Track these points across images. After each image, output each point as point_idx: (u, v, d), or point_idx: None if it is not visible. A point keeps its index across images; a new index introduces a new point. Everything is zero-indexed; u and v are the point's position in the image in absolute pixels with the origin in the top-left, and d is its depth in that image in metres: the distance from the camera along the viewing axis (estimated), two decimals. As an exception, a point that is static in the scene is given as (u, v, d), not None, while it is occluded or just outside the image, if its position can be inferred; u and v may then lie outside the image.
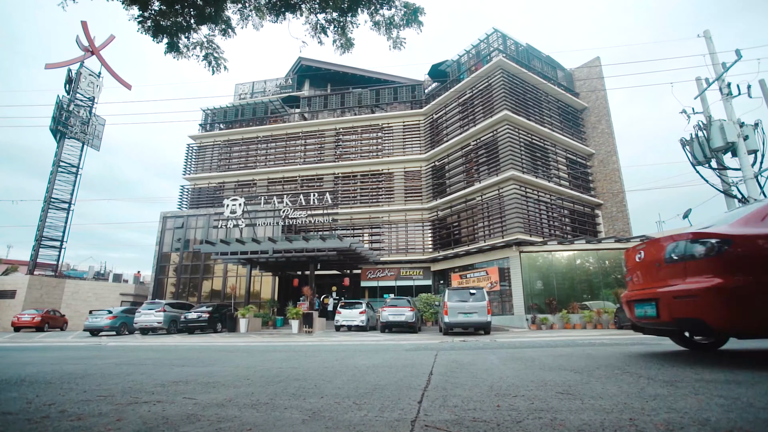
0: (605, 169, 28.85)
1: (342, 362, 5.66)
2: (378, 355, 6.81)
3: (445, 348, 8.39)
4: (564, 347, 7.42)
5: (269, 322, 23.71)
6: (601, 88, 30.14)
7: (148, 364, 5.81)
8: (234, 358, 6.83)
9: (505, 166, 23.94)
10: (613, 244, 22.21)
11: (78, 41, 33.04)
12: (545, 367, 4.24)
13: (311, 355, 7.05)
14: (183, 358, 6.97)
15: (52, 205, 30.62)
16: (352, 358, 6.20)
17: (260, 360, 6.36)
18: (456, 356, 6.23)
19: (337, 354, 7.25)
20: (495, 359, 5.48)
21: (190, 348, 10.21)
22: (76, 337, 18.52)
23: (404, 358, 6.07)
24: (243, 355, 7.44)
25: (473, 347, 8.38)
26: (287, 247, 20.18)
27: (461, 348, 8.24)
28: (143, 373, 4.66)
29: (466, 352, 7.15)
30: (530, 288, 22.01)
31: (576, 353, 5.81)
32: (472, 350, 7.52)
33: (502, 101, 24.85)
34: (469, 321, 15.82)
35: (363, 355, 6.74)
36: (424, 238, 29.12)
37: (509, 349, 7.58)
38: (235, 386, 3.61)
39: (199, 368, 5.17)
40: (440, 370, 4.31)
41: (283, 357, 6.87)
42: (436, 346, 9.03)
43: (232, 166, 33.56)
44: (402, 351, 7.86)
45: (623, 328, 18.09)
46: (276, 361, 6.17)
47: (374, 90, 33.68)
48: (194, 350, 9.37)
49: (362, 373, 4.29)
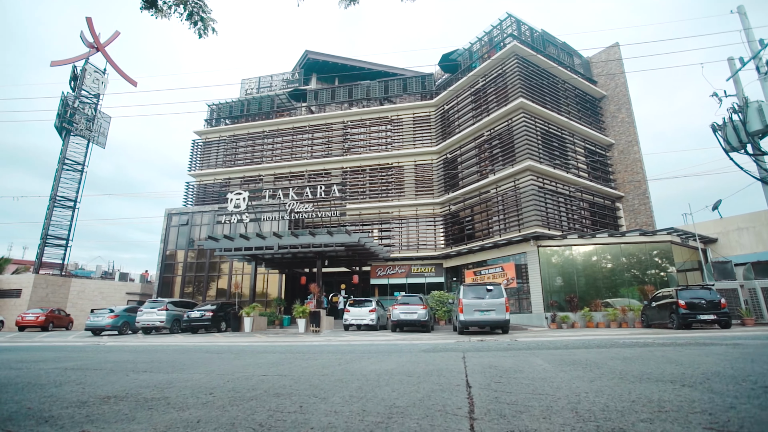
0: (626, 160, 27.48)
1: (346, 367, 4.65)
2: (391, 357, 5.79)
3: (469, 349, 7.33)
4: (617, 348, 6.32)
5: (276, 321, 22.90)
6: (620, 74, 28.74)
7: (104, 369, 4.89)
8: (215, 362, 5.88)
9: (521, 156, 22.77)
10: (637, 237, 20.93)
11: (82, 37, 32.59)
12: (624, 376, 3.17)
13: (310, 358, 6.06)
14: (153, 362, 6.04)
15: (57, 203, 30.19)
16: (359, 362, 5.18)
17: (244, 365, 5.38)
18: (491, 360, 5.15)
19: (341, 356, 6.24)
20: (545, 364, 4.41)
21: (176, 349, 9.30)
22: (78, 337, 17.85)
23: (425, 362, 5.02)
24: (228, 359, 6.46)
25: (502, 348, 7.31)
26: (293, 242, 19.29)
27: (489, 349, 7.16)
28: (81, 383, 3.74)
29: (500, 354, 6.04)
30: (549, 285, 20.85)
31: (645, 355, 4.73)
32: (504, 351, 6.44)
33: (517, 89, 23.66)
34: (486, 319, 14.84)
35: (373, 358, 5.71)
36: (435, 234, 28.04)
37: (551, 350, 6.47)
38: (181, 407, 2.63)
39: (160, 375, 4.23)
40: (479, 381, 3.27)
41: (275, 360, 5.89)
42: (456, 347, 8.00)
43: (237, 162, 32.81)
44: (418, 352, 6.83)
45: (652, 327, 16.89)
46: (263, 366, 5.18)
47: (383, 82, 32.65)
48: (177, 352, 8.43)
49: (372, 384, 3.27)
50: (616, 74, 28.98)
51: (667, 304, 15.70)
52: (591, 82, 28.99)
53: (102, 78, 34.05)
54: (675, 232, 20.70)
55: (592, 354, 5.31)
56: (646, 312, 17.55)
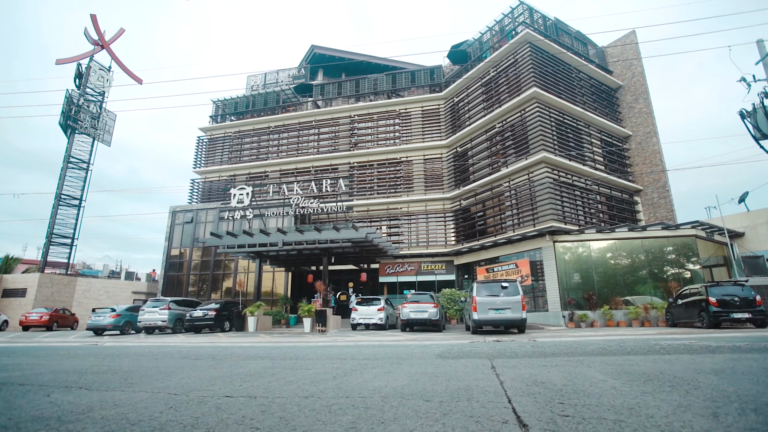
0: (644, 152, 26.33)
1: (342, 383, 3.79)
2: (401, 367, 4.92)
3: (492, 353, 6.44)
4: (675, 353, 5.40)
5: (282, 321, 22.26)
6: (637, 63, 27.57)
7: (32, 384, 4.06)
8: (182, 373, 5.08)
9: (535, 148, 21.81)
10: (659, 231, 19.87)
11: (87, 34, 32.26)
12: (745, 402, 2.26)
13: (301, 367, 5.21)
14: (105, 372, 5.25)
15: (62, 201, 29.86)
16: (360, 374, 4.33)
17: (215, 377, 4.52)
18: (530, 371, 4.18)
19: (340, 364, 5.39)
20: (609, 379, 3.45)
21: (154, 354, 8.46)
22: (79, 337, 17.34)
23: (444, 375, 4.13)
24: (203, 367, 5.65)
25: (532, 353, 6.39)
26: (298, 238, 18.57)
27: (516, 354, 6.24)
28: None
29: (536, 362, 5.12)
30: (566, 282, 19.90)
31: (737, 366, 3.82)
32: (540, 359, 5.44)
33: (530, 78, 22.69)
34: (501, 318, 14.03)
35: (378, 368, 4.84)
36: (446, 230, 27.17)
37: (596, 356, 5.46)
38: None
39: (92, 395, 3.44)
40: (534, 411, 2.33)
41: (257, 370, 5.06)
42: (475, 350, 7.16)
43: (243, 158, 32.24)
44: (433, 358, 5.97)
45: (677, 326, 15.89)
46: (237, 378, 4.35)
47: (390, 75, 31.83)
48: (151, 357, 7.52)
49: (373, 419, 2.40)
50: (633, 63, 27.83)
51: (695, 301, 14.72)
52: (606, 72, 27.87)
53: (107, 75, 33.70)
54: (700, 225, 19.58)
55: (660, 363, 4.34)
56: (671, 310, 16.53)
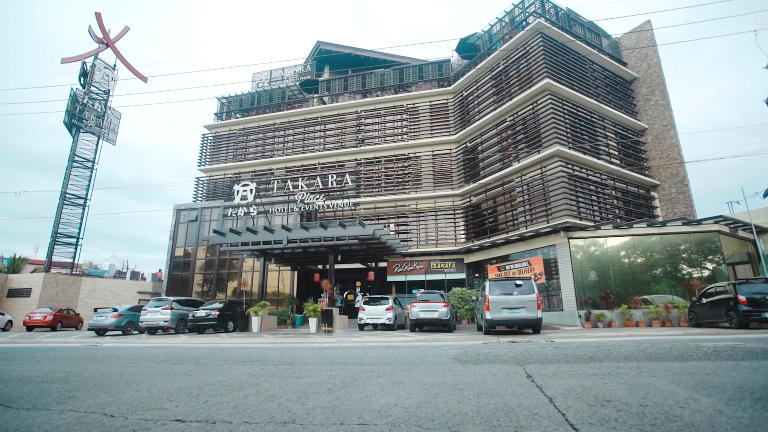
0: (661, 146, 25.37)
1: (337, 400, 3.09)
2: (414, 375, 4.20)
3: (519, 357, 5.68)
4: (739, 359, 4.68)
5: (288, 321, 21.69)
6: (652, 54, 26.61)
7: None
8: (149, 381, 4.40)
9: (548, 141, 21.02)
10: (680, 227, 18.99)
11: (91, 32, 32.03)
12: None
13: (293, 375, 4.50)
14: (51, 381, 4.59)
15: (67, 200, 29.65)
16: (362, 385, 3.62)
17: (179, 389, 3.82)
18: (581, 382, 3.44)
19: (341, 371, 4.68)
20: (702, 397, 2.76)
21: (140, 354, 7.83)
22: (81, 338, 16.91)
23: (471, 387, 3.34)
24: (179, 374, 4.94)
25: (565, 357, 5.65)
26: (304, 236, 18.00)
27: (548, 359, 5.46)
28: None
29: (582, 370, 4.36)
30: (582, 280, 19.09)
31: None
32: (582, 365, 4.60)
33: (542, 69, 21.90)
34: (515, 318, 13.34)
35: (385, 376, 4.13)
36: (456, 227, 26.43)
37: (643, 362, 4.66)
38: None
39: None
40: None
41: (238, 379, 4.33)
42: (494, 352, 6.47)
43: (248, 156, 31.75)
44: (451, 362, 5.26)
45: (701, 326, 15.04)
46: (206, 391, 3.64)
47: (398, 70, 31.16)
48: (125, 360, 6.78)
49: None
50: (648, 54, 26.87)
51: (722, 300, 13.86)
52: (621, 63, 26.96)
53: (112, 74, 33.48)
54: (724, 220, 18.65)
55: (742, 373, 3.58)
56: (694, 309, 15.67)
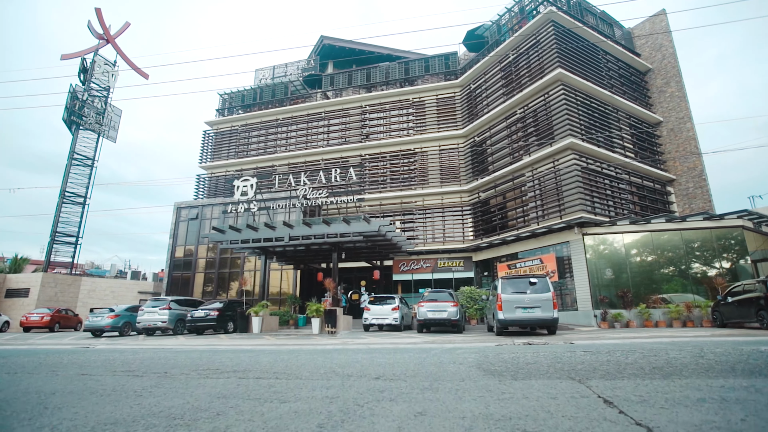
0: (677, 139, 24.38)
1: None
2: (440, 398, 3.25)
3: (562, 366, 4.83)
4: None
5: (290, 321, 21.00)
6: (668, 45, 25.62)
7: None
8: (73, 405, 3.38)
9: (561, 133, 20.14)
10: (701, 222, 18.04)
11: (90, 27, 31.50)
12: None
13: (275, 395, 3.64)
14: None
15: (67, 199, 29.12)
16: (370, 423, 2.46)
17: (97, 424, 2.71)
18: (698, 414, 2.51)
19: (340, 390, 3.67)
20: None
21: (111, 360, 6.99)
22: (76, 339, 16.25)
23: (543, 428, 2.46)
24: (129, 390, 4.00)
25: (625, 367, 4.81)
26: (306, 232, 17.25)
27: (608, 372, 4.54)
28: None
29: (661, 386, 3.42)
30: (597, 278, 18.21)
31: None
32: (662, 380, 3.71)
33: (554, 59, 21.02)
34: (530, 318, 12.56)
35: (401, 399, 3.24)
36: (464, 224, 25.58)
37: (742, 378, 3.68)
38: None
39: None
40: None
41: (199, 403, 3.35)
42: (521, 358, 5.62)
43: (250, 152, 31.07)
44: (478, 374, 4.36)
45: (727, 326, 14.13)
46: (134, 428, 2.65)
47: (403, 64, 30.35)
48: (77, 369, 5.72)
49: None
50: (663, 45, 25.88)
51: (751, 299, 12.95)
52: (635, 54, 25.99)
53: (112, 70, 32.94)
54: (748, 215, 17.67)
55: None
56: (719, 309, 14.74)
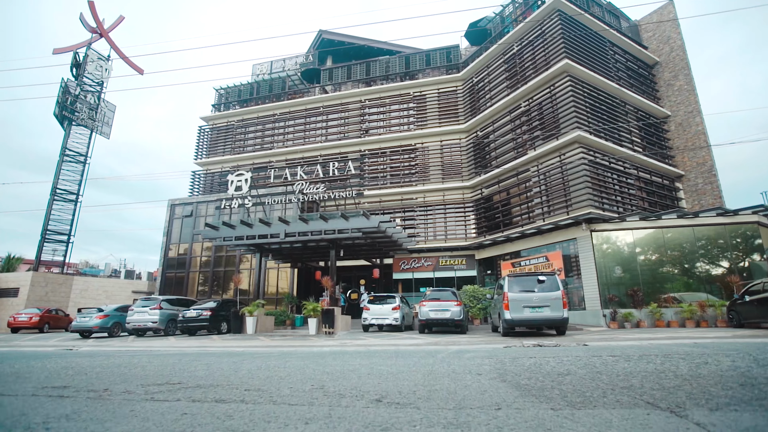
0: (686, 134, 23.65)
1: None
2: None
3: (621, 384, 3.95)
4: None
5: (287, 321, 20.22)
6: (676, 37, 24.90)
7: None
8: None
9: (568, 127, 19.41)
10: (715, 218, 17.34)
11: (83, 20, 30.70)
12: None
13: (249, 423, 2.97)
14: None
15: (58, 196, 28.33)
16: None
17: None
18: None
19: (325, 424, 2.87)
20: None
21: (59, 368, 6.26)
22: (63, 340, 15.49)
23: None
24: (38, 416, 3.02)
25: (712, 388, 4.00)
26: (303, 228, 16.51)
27: (706, 392, 3.53)
28: None
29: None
30: (606, 276, 17.51)
31: None
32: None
33: (560, 50, 20.29)
34: (539, 317, 11.90)
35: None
36: (466, 221, 24.85)
37: None
38: None
39: None
40: None
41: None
42: (548, 364, 4.81)
43: (247, 148, 30.32)
44: (515, 396, 3.42)
45: (743, 327, 13.42)
46: None
47: (403, 57, 29.61)
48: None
49: None
50: (671, 37, 25.17)
51: (772, 297, 12.24)
52: (642, 47, 25.27)
53: (106, 65, 32.14)
54: (764, 210, 16.94)
55: None
56: (735, 308, 14.03)
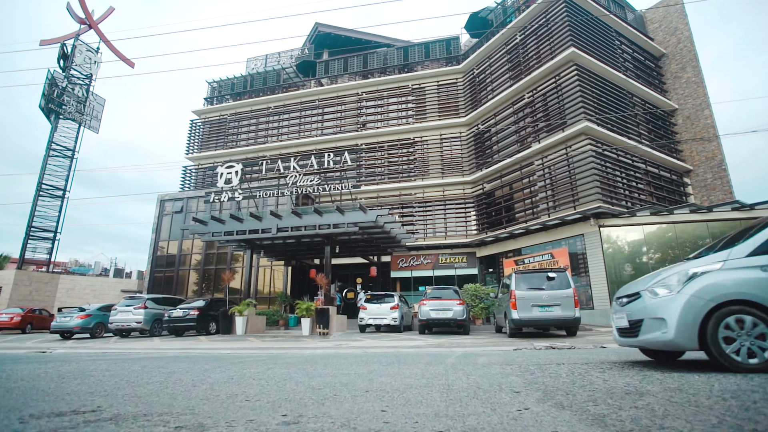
0: (694, 127, 22.84)
1: None
2: None
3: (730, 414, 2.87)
4: None
5: (280, 321, 19.32)
6: (683, 28, 24.10)
7: None
8: None
9: (575, 118, 18.57)
10: (729, 213, 16.53)
11: (70, 10, 29.70)
12: None
13: None
14: None
15: (44, 192, 27.34)
16: None
17: None
18: None
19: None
20: None
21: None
22: (41, 342, 14.52)
23: None
24: None
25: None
26: (296, 223, 15.59)
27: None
28: None
29: None
30: (615, 274, 16.67)
31: None
32: None
33: (566, 39, 19.45)
34: (548, 317, 11.06)
35: None
36: (467, 218, 23.97)
37: None
38: None
39: None
40: None
41: None
42: (593, 375, 3.87)
43: (240, 142, 29.35)
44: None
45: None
46: None
47: (402, 49, 28.72)
48: None
49: None
50: (678, 28, 24.36)
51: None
52: (648, 38, 24.46)
53: (95, 57, 31.17)
54: (785, 204, 16.15)
55: None
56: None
